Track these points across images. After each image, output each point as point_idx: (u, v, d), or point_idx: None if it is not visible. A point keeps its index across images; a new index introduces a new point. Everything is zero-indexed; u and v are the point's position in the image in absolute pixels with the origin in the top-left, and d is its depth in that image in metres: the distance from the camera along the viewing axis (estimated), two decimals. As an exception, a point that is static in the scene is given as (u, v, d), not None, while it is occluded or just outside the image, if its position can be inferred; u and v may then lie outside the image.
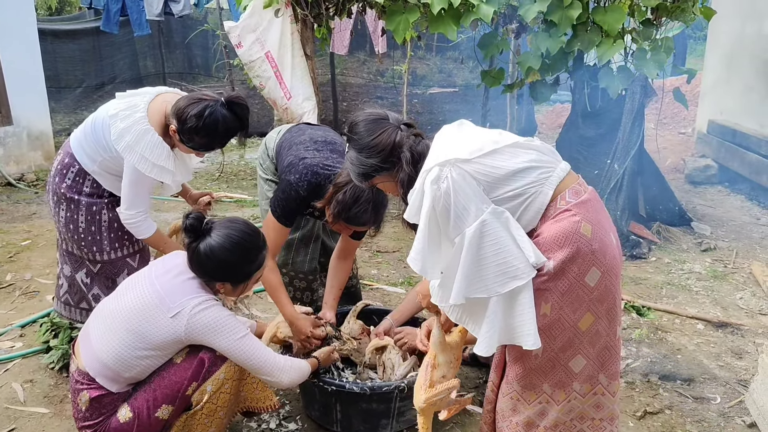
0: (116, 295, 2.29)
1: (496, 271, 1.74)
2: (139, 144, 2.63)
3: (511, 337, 1.81)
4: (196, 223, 2.21)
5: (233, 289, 2.34)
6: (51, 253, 4.74)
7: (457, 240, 1.77)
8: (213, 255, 2.20)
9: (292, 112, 5.45)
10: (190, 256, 2.24)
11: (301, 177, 2.72)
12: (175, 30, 11.11)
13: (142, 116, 2.66)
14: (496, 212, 1.75)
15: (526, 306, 1.76)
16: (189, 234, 2.21)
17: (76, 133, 2.84)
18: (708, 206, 6.31)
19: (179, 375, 2.20)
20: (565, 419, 1.92)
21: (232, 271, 2.28)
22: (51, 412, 2.86)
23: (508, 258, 1.73)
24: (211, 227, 2.24)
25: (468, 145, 1.82)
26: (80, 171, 2.81)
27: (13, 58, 6.81)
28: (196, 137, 2.61)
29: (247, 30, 5.27)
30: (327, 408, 2.68)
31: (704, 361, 3.37)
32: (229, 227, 2.26)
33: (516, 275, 1.74)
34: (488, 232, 1.74)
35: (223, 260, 2.22)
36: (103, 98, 10.68)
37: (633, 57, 5.03)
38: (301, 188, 2.71)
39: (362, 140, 2.05)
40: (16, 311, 3.83)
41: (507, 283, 1.74)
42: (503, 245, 1.73)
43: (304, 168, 2.74)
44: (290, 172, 2.77)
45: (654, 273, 4.62)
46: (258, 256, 2.33)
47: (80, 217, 2.84)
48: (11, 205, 6.13)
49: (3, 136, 6.96)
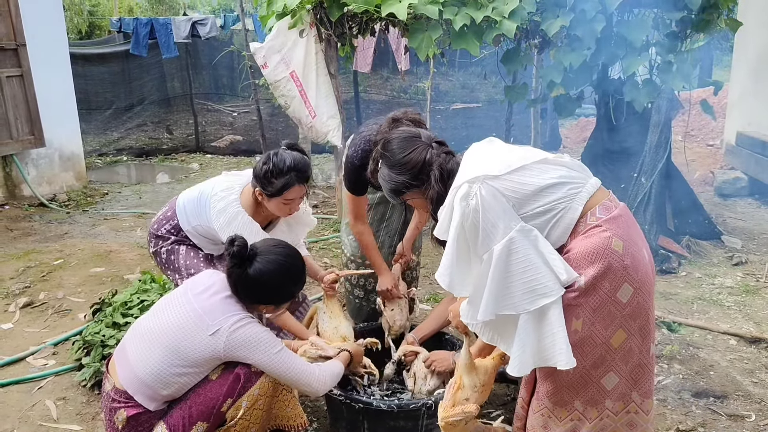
0: (153, 313, 2.33)
1: (524, 289, 1.74)
2: (231, 225, 2.79)
3: (544, 358, 1.80)
4: (242, 249, 2.24)
5: (275, 309, 2.43)
6: (83, 272, 4.83)
7: (485, 257, 1.77)
8: (262, 280, 2.26)
9: (316, 130, 5.51)
10: (235, 282, 2.27)
11: (356, 149, 2.99)
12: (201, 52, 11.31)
13: (236, 198, 2.85)
14: (524, 230, 1.75)
15: (556, 324, 1.75)
16: (235, 260, 2.25)
17: (185, 195, 3.02)
18: (738, 219, 6.21)
19: (215, 392, 2.22)
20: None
21: (279, 294, 2.36)
22: (83, 429, 2.90)
23: (537, 276, 1.73)
24: (256, 253, 2.28)
25: (497, 162, 1.83)
26: (176, 226, 3.01)
27: (45, 82, 7.00)
28: (274, 180, 2.72)
29: (273, 50, 5.36)
30: (354, 425, 2.68)
31: (737, 377, 3.31)
32: (274, 252, 2.32)
33: (544, 293, 1.74)
34: (516, 249, 1.74)
35: (271, 284, 2.29)
36: (131, 119, 10.96)
37: (658, 70, 5.00)
38: (356, 158, 2.97)
39: (394, 157, 2.10)
40: (48, 329, 3.90)
41: (535, 301, 1.74)
42: (531, 263, 1.73)
43: (360, 140, 3.00)
44: (350, 147, 3.07)
45: (684, 288, 4.55)
46: (302, 276, 2.41)
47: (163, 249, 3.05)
48: (44, 225, 6.27)
49: (36, 157, 7.14)
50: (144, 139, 10.74)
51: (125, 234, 5.97)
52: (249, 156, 10.23)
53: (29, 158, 7.08)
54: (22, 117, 6.80)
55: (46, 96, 7.00)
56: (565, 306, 1.78)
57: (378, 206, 3.43)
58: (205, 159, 10.17)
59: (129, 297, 3.51)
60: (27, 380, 3.30)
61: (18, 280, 4.68)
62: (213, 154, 10.49)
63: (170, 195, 7.58)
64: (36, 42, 6.85)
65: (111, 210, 6.92)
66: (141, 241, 5.67)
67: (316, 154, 9.02)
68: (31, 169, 7.12)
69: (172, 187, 8.17)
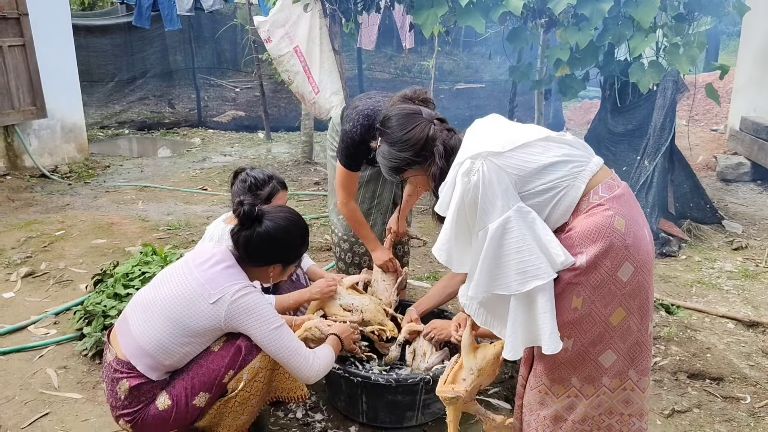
0: (154, 285, 2.34)
1: (517, 269, 1.74)
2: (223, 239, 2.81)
3: (533, 338, 1.81)
4: (251, 209, 2.29)
5: (282, 271, 2.43)
6: (84, 243, 4.85)
7: (480, 234, 1.77)
8: (274, 237, 2.30)
9: (319, 106, 5.48)
10: (246, 243, 2.30)
11: (354, 123, 2.98)
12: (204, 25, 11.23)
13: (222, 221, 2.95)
14: (522, 211, 1.75)
15: (543, 309, 1.76)
16: (245, 220, 2.29)
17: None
18: (740, 204, 6.20)
19: (217, 363, 2.24)
20: (594, 414, 1.91)
21: (289, 251, 2.40)
22: (84, 397, 2.92)
23: (530, 257, 1.73)
24: (263, 212, 2.34)
25: (500, 139, 1.82)
26: None
27: (48, 53, 6.96)
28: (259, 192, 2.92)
29: (276, 25, 5.32)
30: (353, 399, 2.70)
31: (734, 360, 3.33)
32: (280, 211, 2.41)
33: (536, 275, 1.73)
34: (511, 228, 1.73)
35: (282, 241, 2.33)
36: (133, 92, 10.92)
37: (665, 52, 4.97)
38: (355, 133, 2.97)
39: (395, 134, 2.08)
40: (50, 299, 3.92)
41: (527, 282, 1.74)
42: (526, 244, 1.73)
43: (356, 114, 2.99)
44: (346, 122, 3.06)
45: (684, 271, 4.56)
46: (307, 235, 2.47)
47: None
48: (45, 196, 6.27)
49: (38, 128, 7.12)
50: (146, 113, 10.71)
51: (127, 207, 5.97)
52: (251, 132, 10.21)
53: (31, 129, 7.06)
54: (23, 87, 6.77)
55: (48, 66, 6.96)
56: (566, 284, 1.78)
57: (369, 184, 3.42)
58: (207, 134, 10.14)
59: (130, 268, 3.52)
60: (28, 348, 3.33)
61: (19, 250, 4.69)
62: (215, 129, 10.46)
63: (172, 169, 7.59)
64: (38, 11, 6.80)
65: (113, 182, 6.92)
66: (142, 214, 5.68)
67: (319, 131, 8.99)
68: (33, 139, 7.10)
69: (174, 161, 8.16)
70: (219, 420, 2.31)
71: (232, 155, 8.56)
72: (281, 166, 7.77)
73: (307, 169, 7.66)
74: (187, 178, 7.18)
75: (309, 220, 5.49)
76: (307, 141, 7.97)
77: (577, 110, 11.21)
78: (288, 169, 7.64)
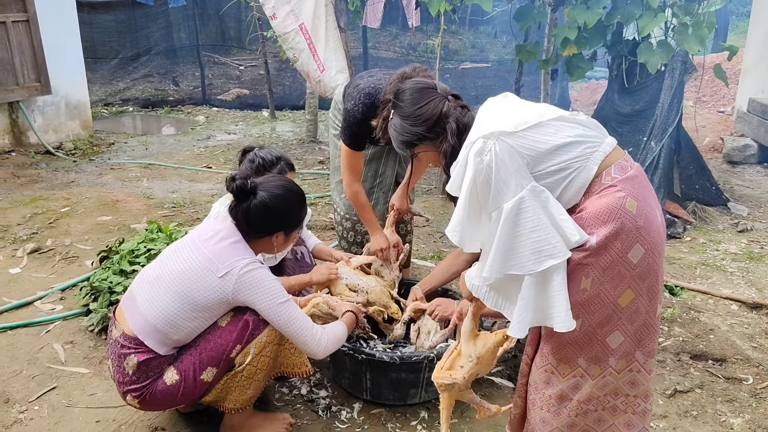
0: (160, 261, 2.35)
1: (532, 249, 1.73)
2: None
3: (543, 317, 1.80)
4: (244, 182, 2.30)
5: (285, 239, 2.43)
6: (89, 220, 4.86)
7: (494, 215, 1.75)
8: (271, 205, 2.31)
9: (325, 84, 5.45)
10: (244, 216, 2.30)
11: (356, 102, 2.95)
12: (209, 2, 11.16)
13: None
14: (535, 190, 1.73)
15: (558, 287, 1.75)
16: (239, 195, 2.29)
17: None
18: (746, 186, 6.18)
19: (224, 338, 2.26)
20: (599, 394, 1.92)
21: (288, 218, 2.39)
22: (90, 372, 2.95)
23: (545, 236, 1.72)
24: (256, 184, 2.34)
25: (512, 119, 1.80)
26: None
27: (52, 29, 6.91)
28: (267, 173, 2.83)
29: (282, 2, 5.27)
30: (357, 376, 2.72)
31: (737, 341, 3.34)
32: (273, 180, 2.42)
33: (551, 254, 1.72)
34: (526, 208, 1.72)
35: (280, 208, 2.33)
36: (137, 69, 10.88)
37: (674, 32, 4.92)
38: (358, 112, 2.94)
39: (407, 108, 2.06)
40: (56, 275, 3.94)
41: (542, 262, 1.73)
42: (540, 223, 1.72)
43: (357, 93, 2.96)
44: (348, 101, 3.03)
45: (688, 253, 4.56)
46: (305, 199, 2.47)
47: None
48: (50, 173, 6.28)
49: (42, 105, 7.11)
50: (150, 90, 10.67)
51: (132, 184, 5.97)
52: (255, 110, 10.17)
53: (35, 105, 7.05)
54: (28, 63, 6.75)
55: (52, 43, 6.92)
56: (575, 265, 1.78)
57: (371, 162, 3.39)
58: (212, 112, 10.10)
59: (136, 245, 3.53)
60: (35, 324, 3.35)
61: (25, 226, 4.71)
62: (219, 107, 10.42)
63: (176, 147, 7.58)
64: (42, -11, 6.75)
65: (117, 160, 6.92)
66: (147, 192, 5.68)
67: (324, 110, 8.96)
68: (38, 116, 7.09)
69: (178, 139, 8.15)
70: (225, 394, 2.33)
71: (237, 133, 8.54)
72: (286, 145, 7.75)
73: (311, 147, 7.64)
74: (191, 156, 7.17)
75: (313, 198, 5.49)
76: (311, 119, 7.94)
77: (583, 90, 11.13)
78: (292, 147, 7.62)
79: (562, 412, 1.94)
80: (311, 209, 5.13)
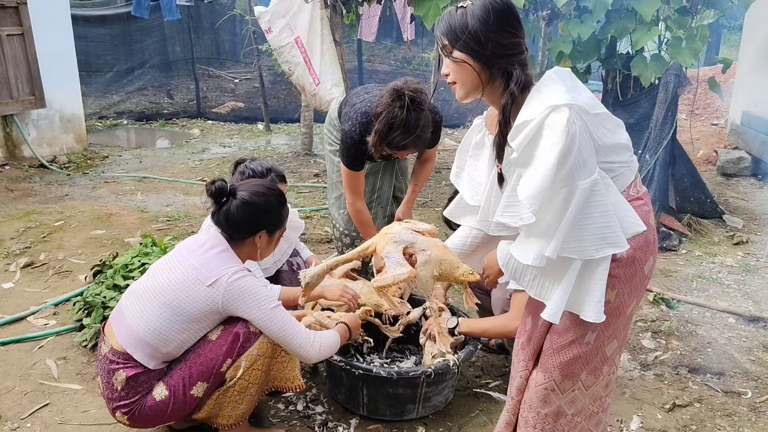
0: (148, 275, 2.33)
1: (597, 234, 1.64)
2: None
3: (576, 304, 1.73)
4: (223, 185, 2.31)
5: (269, 240, 2.41)
6: (83, 234, 4.83)
7: (564, 191, 1.62)
8: (251, 201, 2.31)
9: (320, 97, 5.46)
10: (226, 218, 2.30)
11: (353, 123, 2.97)
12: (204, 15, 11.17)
13: None
14: (602, 175, 1.66)
15: (600, 277, 1.69)
16: (218, 197, 2.30)
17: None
18: (740, 199, 6.20)
19: (214, 352, 2.23)
20: (588, 404, 1.90)
21: (269, 215, 2.38)
22: (83, 388, 2.91)
23: (611, 223, 1.63)
24: (235, 186, 2.35)
25: (585, 98, 1.69)
26: None
27: (47, 43, 6.91)
28: None
29: (277, 15, 5.29)
30: (353, 392, 2.70)
31: (735, 355, 3.33)
32: (251, 182, 2.45)
33: (614, 242, 1.65)
34: (598, 191, 1.62)
35: (259, 204, 2.33)
36: (132, 82, 10.87)
37: (667, 45, 4.94)
38: (355, 132, 2.96)
39: (492, 22, 1.76)
40: (49, 290, 3.91)
41: (603, 248, 1.65)
42: (608, 209, 1.63)
43: (354, 113, 2.98)
44: (345, 122, 3.04)
45: (684, 265, 4.55)
46: (284, 198, 2.47)
47: None
48: (44, 186, 6.25)
49: (36, 118, 7.09)
50: (144, 103, 10.66)
51: (126, 198, 5.95)
52: (250, 123, 10.17)
53: (30, 119, 7.03)
54: (22, 77, 6.73)
55: (47, 56, 6.92)
56: None
57: (368, 177, 3.38)
58: (206, 125, 10.10)
59: (130, 260, 3.50)
60: (28, 339, 3.32)
61: (18, 240, 4.67)
62: (214, 120, 10.42)
63: (171, 160, 7.56)
64: (38, 3, 6.74)
65: (111, 173, 6.89)
66: (141, 205, 5.65)
67: (319, 122, 8.96)
68: (32, 129, 7.07)
69: (173, 152, 8.13)
70: (218, 410, 2.31)
71: (232, 146, 8.53)
72: (281, 158, 7.74)
73: (306, 160, 7.63)
74: (186, 170, 7.15)
75: (308, 212, 5.48)
76: (306, 132, 7.94)
77: (577, 103, 11.16)
78: (288, 160, 7.61)
79: (557, 429, 1.93)
80: (306, 223, 5.11)
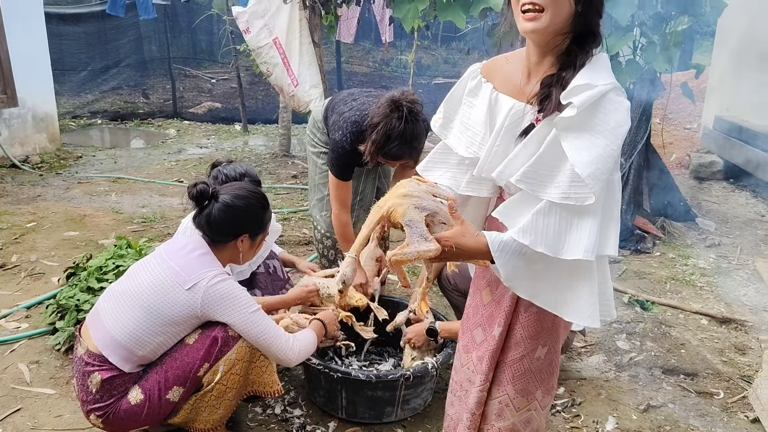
0: (127, 276, 2.30)
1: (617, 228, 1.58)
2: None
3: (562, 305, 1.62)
4: (205, 188, 2.29)
5: (252, 244, 2.40)
6: (56, 236, 4.75)
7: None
8: (233, 207, 2.29)
9: (298, 99, 5.44)
10: (208, 221, 2.28)
11: (344, 132, 2.95)
12: (180, 14, 11.07)
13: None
14: None
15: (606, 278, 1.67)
16: (200, 200, 2.28)
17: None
18: (713, 202, 6.31)
19: (191, 356, 2.21)
20: (542, 423, 1.86)
21: (251, 220, 2.36)
22: (57, 393, 2.87)
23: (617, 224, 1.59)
24: (218, 190, 2.33)
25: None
26: None
27: (19, 41, 6.78)
28: None
29: (256, 16, 5.26)
30: (332, 395, 2.69)
31: (708, 356, 3.38)
32: (234, 185, 2.42)
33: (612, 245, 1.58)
34: (615, 188, 1.56)
35: (241, 207, 2.31)
36: (107, 82, 10.72)
37: (642, 51, 5.01)
38: (346, 142, 2.96)
39: None
40: (21, 292, 3.84)
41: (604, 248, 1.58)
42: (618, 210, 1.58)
43: (344, 122, 2.96)
44: (335, 131, 3.05)
45: (658, 268, 4.62)
46: (267, 201, 2.45)
47: None
48: (16, 186, 6.13)
49: (8, 117, 6.95)
50: (119, 103, 10.52)
51: (100, 198, 5.86)
52: (228, 123, 10.09)
53: (1, 118, 6.88)
54: (-7, 75, 6.61)
55: (19, 54, 6.78)
56: None
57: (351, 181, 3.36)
58: (183, 125, 10.00)
59: (104, 262, 3.45)
60: (-1, 343, 3.26)
61: (-11, 241, 4.58)
62: (191, 120, 10.32)
63: (146, 160, 7.47)
64: (10, 1, 6.61)
65: (85, 174, 6.79)
66: (116, 206, 5.58)
67: (297, 124, 8.93)
68: (3, 129, 6.93)
69: (148, 152, 8.04)
70: (195, 415, 2.28)
71: (209, 147, 8.46)
72: (258, 159, 7.70)
73: (284, 162, 7.60)
74: (162, 170, 7.07)
75: (286, 213, 5.45)
76: (284, 134, 7.90)
77: (553, 107, 11.26)
78: (265, 161, 7.57)
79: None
80: (284, 224, 5.09)
